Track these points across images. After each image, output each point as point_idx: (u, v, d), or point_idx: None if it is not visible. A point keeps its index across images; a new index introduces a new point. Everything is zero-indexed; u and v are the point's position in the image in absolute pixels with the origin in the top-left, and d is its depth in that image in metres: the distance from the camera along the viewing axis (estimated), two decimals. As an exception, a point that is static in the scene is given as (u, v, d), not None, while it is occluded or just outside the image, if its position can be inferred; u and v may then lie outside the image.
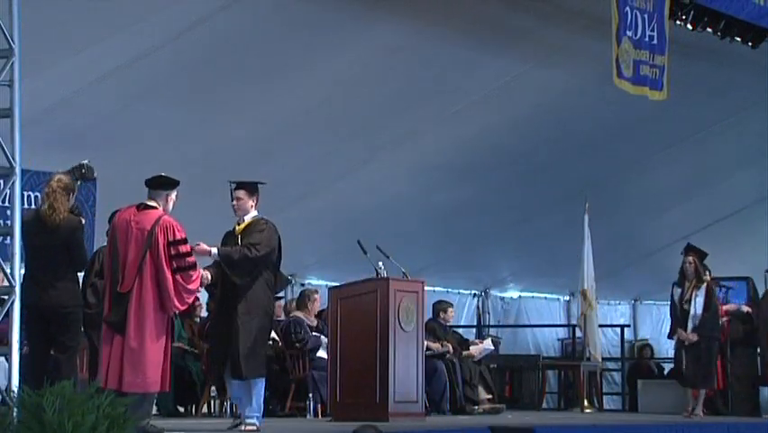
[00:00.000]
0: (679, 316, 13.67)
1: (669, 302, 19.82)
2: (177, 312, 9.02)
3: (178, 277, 8.58)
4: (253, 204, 9.74)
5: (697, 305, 13.55)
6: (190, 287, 8.68)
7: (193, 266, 8.70)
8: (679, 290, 13.79)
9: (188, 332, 13.32)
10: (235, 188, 9.73)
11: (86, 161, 9.12)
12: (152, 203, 8.77)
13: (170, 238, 8.58)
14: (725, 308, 14.64)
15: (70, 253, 8.69)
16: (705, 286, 13.64)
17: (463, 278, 17.96)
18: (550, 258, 17.47)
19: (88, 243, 10.38)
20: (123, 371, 8.46)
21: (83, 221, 8.96)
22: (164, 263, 8.54)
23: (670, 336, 14.06)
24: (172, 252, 8.58)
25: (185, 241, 8.69)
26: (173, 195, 8.86)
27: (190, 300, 8.93)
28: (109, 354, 8.54)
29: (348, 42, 11.70)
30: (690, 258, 13.81)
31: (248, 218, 9.70)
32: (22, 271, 7.87)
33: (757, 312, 14.55)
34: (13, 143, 7.53)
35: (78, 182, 9.01)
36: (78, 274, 9.07)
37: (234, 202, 9.68)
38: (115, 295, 8.60)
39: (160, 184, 8.80)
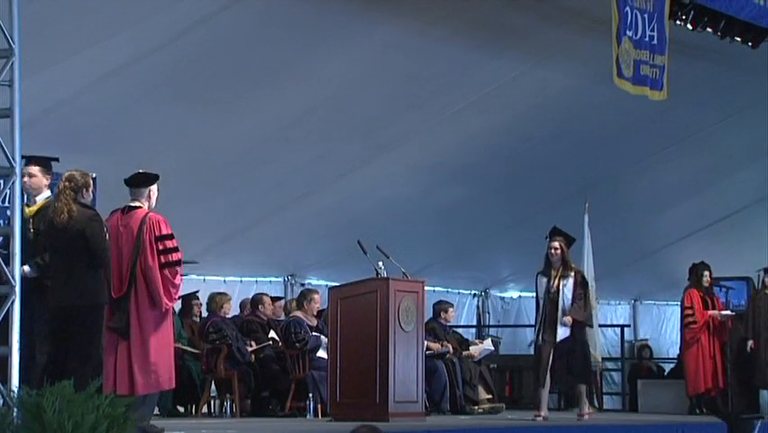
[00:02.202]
0: (544, 309, 12.05)
1: (666, 302, 20.11)
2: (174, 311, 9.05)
3: (165, 272, 8.58)
4: (47, 183, 8.52)
5: (566, 296, 11.91)
6: (176, 282, 8.68)
7: (179, 262, 8.70)
8: (545, 280, 12.11)
9: (188, 332, 13.33)
10: (27, 164, 8.44)
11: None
12: (136, 203, 8.79)
13: (157, 233, 8.60)
14: (710, 313, 14.62)
15: (88, 248, 8.28)
16: (573, 274, 12.06)
17: (463, 278, 17.96)
18: (550, 258, 17.44)
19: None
20: (134, 375, 8.47)
21: (97, 212, 8.58)
22: (151, 260, 8.55)
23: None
24: (160, 247, 8.60)
25: (171, 236, 8.70)
26: (155, 190, 8.87)
27: (176, 296, 8.90)
28: (115, 360, 8.54)
29: (348, 42, 11.69)
30: (557, 243, 12.13)
31: (41, 199, 8.53)
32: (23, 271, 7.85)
33: (753, 312, 14.55)
34: (13, 143, 7.53)
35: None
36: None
37: (26, 179, 8.40)
38: (114, 302, 8.60)
39: (140, 181, 8.81)
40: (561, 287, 11.93)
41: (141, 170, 8.87)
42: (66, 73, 10.38)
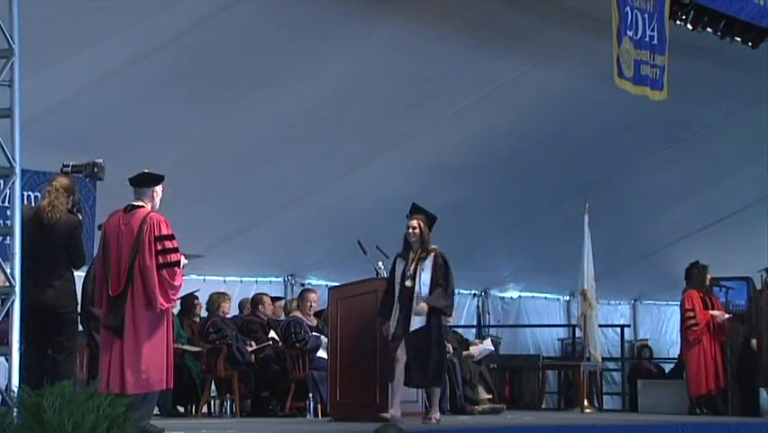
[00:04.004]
0: (393, 295, 10.49)
1: (667, 302, 20.11)
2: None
3: (163, 273, 8.56)
4: None
5: (423, 280, 10.47)
6: (175, 283, 8.65)
7: (178, 263, 8.68)
8: (402, 263, 10.62)
9: (188, 332, 13.32)
10: None
11: (100, 161, 9.06)
12: (139, 202, 8.78)
13: (157, 234, 8.58)
14: (711, 313, 14.60)
15: (69, 252, 8.63)
16: (432, 256, 10.58)
17: (463, 278, 17.87)
18: (550, 258, 17.46)
19: (88, 242, 10.38)
20: (125, 374, 8.46)
21: (81, 219, 8.91)
22: (149, 259, 8.54)
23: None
24: (158, 247, 8.58)
25: (172, 237, 8.68)
26: (159, 191, 8.85)
27: (176, 297, 8.87)
28: (109, 359, 8.54)
29: (348, 42, 11.70)
30: (415, 222, 10.71)
31: None
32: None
33: (756, 312, 14.54)
34: (13, 143, 7.53)
35: (87, 178, 9.01)
36: (76, 274, 8.96)
37: None
38: (111, 300, 8.60)
39: (144, 181, 8.81)
40: (418, 270, 10.49)
41: (146, 171, 8.86)
42: (66, 73, 10.38)
